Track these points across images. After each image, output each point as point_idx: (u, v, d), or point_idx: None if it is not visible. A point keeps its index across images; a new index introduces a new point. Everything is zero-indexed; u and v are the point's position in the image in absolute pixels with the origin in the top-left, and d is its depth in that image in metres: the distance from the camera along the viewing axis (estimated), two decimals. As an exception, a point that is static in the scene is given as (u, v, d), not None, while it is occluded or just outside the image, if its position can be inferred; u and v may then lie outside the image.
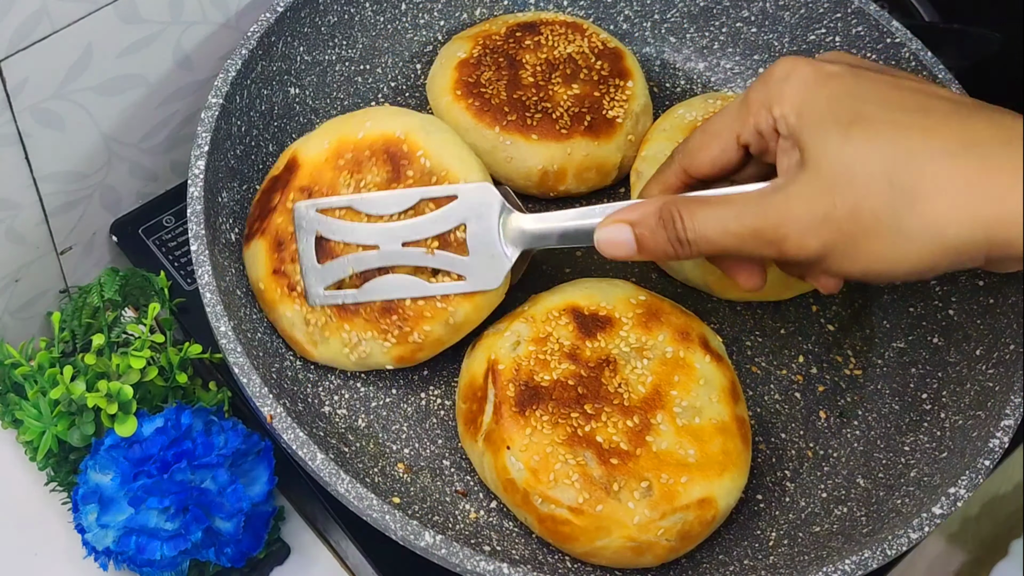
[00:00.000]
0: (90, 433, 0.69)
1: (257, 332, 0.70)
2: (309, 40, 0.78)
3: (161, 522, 0.66)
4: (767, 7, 0.85)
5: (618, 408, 0.66)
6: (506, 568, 0.58)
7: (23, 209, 0.75)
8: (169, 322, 0.77)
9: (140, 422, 0.68)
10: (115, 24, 0.70)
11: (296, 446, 0.62)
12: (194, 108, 0.80)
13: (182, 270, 0.79)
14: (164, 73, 0.76)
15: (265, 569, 0.74)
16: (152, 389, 0.71)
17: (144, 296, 0.76)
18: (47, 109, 0.70)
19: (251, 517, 0.69)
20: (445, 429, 0.71)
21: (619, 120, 0.79)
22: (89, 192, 0.78)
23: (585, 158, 0.78)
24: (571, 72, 0.79)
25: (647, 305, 0.70)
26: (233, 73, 0.72)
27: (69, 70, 0.69)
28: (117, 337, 0.74)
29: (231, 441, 0.68)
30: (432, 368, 0.73)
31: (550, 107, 0.78)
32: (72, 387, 0.68)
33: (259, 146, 0.76)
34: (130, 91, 0.75)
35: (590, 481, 0.63)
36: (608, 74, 0.80)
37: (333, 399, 0.71)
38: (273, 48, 0.75)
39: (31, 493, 0.76)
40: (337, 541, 0.74)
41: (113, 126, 0.76)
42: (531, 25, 0.82)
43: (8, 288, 0.79)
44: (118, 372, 0.70)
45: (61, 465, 0.73)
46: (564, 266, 0.78)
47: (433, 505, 0.67)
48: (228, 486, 0.67)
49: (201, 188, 0.68)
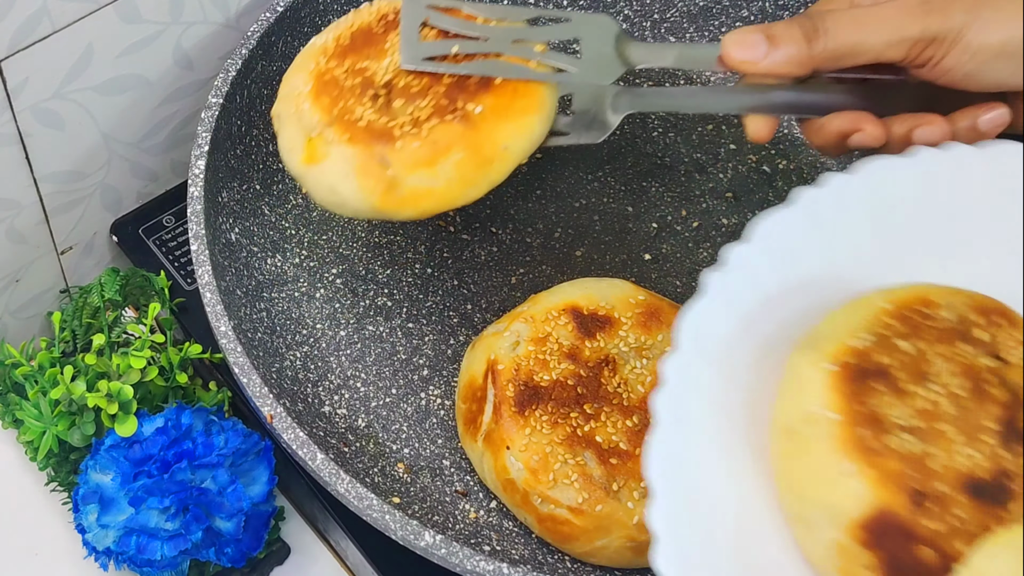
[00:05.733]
0: (90, 433, 0.69)
1: (257, 332, 0.70)
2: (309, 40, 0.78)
3: (161, 522, 0.66)
4: (766, 6, 0.85)
5: (618, 408, 0.66)
6: (506, 568, 0.58)
7: (23, 209, 0.75)
8: (169, 322, 0.77)
9: (140, 422, 0.68)
10: (115, 24, 0.70)
11: (296, 446, 0.62)
12: (194, 108, 0.80)
13: (182, 270, 0.79)
14: (164, 73, 0.76)
15: (265, 569, 0.74)
16: (152, 389, 0.71)
17: (144, 296, 0.76)
18: (47, 109, 0.70)
19: (251, 517, 0.69)
20: (445, 429, 0.71)
21: None
22: (89, 192, 0.78)
23: None
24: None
25: (647, 305, 0.70)
26: (233, 73, 0.72)
27: (69, 70, 0.70)
28: (117, 337, 0.74)
29: (231, 441, 0.69)
30: (432, 368, 0.73)
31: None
32: (72, 387, 0.68)
33: (259, 146, 0.76)
34: (130, 91, 0.75)
35: (590, 481, 0.63)
36: None
37: (333, 399, 0.71)
38: (273, 48, 0.75)
39: (31, 493, 0.76)
40: (337, 541, 0.74)
41: (113, 126, 0.76)
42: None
43: (8, 288, 0.79)
44: (118, 372, 0.70)
45: (61, 465, 0.73)
46: (564, 266, 0.78)
47: (433, 505, 0.67)
48: (228, 486, 0.67)
49: (201, 188, 0.68)
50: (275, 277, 0.75)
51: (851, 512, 0.51)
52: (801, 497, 0.53)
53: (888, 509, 0.51)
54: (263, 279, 0.74)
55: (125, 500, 0.66)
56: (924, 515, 0.51)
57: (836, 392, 0.53)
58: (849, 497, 0.51)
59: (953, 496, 0.52)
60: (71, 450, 0.72)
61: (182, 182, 0.83)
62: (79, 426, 0.69)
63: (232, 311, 0.66)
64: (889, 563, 0.51)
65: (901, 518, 0.51)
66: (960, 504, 0.52)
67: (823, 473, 0.52)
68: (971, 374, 0.55)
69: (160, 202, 0.83)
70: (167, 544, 0.66)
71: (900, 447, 0.52)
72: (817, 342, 0.56)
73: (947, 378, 0.55)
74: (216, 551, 0.68)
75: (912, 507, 0.51)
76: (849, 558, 0.52)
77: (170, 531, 0.66)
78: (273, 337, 0.71)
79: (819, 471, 0.53)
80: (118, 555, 0.67)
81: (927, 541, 0.51)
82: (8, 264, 0.77)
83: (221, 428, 0.69)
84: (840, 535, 0.52)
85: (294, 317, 0.74)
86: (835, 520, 0.52)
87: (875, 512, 0.51)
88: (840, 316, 0.57)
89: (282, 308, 0.74)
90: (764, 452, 0.56)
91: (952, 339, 0.56)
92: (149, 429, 0.68)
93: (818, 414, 0.53)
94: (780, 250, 0.59)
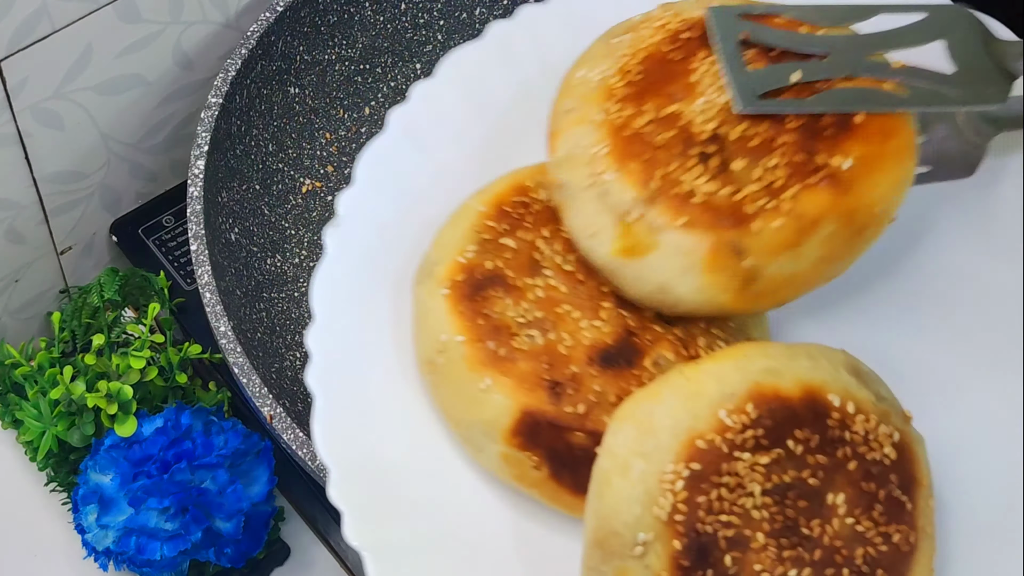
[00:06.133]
0: (90, 433, 0.69)
1: (257, 332, 0.70)
2: (309, 40, 0.78)
3: (161, 522, 0.66)
4: None
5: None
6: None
7: (23, 209, 0.75)
8: (169, 322, 0.77)
9: (140, 422, 0.68)
10: (115, 24, 0.69)
11: (296, 446, 0.62)
12: (194, 108, 0.80)
13: (182, 270, 0.79)
14: (164, 73, 0.76)
15: (265, 569, 0.74)
16: (152, 389, 0.71)
17: (144, 296, 0.76)
18: (47, 109, 0.70)
19: (251, 517, 0.69)
20: (445, 429, 0.71)
21: None
22: (89, 192, 0.78)
23: None
24: None
25: None
26: (233, 73, 0.72)
27: (69, 70, 0.69)
28: (117, 337, 0.74)
29: (231, 441, 0.68)
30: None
31: None
32: (72, 387, 0.68)
33: (258, 146, 0.76)
34: (130, 91, 0.75)
35: None
36: None
37: (333, 399, 0.71)
38: (273, 48, 0.75)
39: (31, 493, 0.76)
40: (337, 541, 0.73)
41: (113, 126, 0.76)
42: None
43: (8, 288, 0.79)
44: (118, 372, 0.70)
45: (61, 465, 0.73)
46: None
47: (433, 505, 0.67)
48: (228, 486, 0.67)
49: (201, 188, 0.68)
50: (275, 277, 0.75)
51: (501, 423, 0.52)
52: (459, 422, 0.54)
53: (529, 409, 0.52)
54: (263, 279, 0.74)
55: (125, 500, 0.66)
56: (565, 402, 0.52)
57: (455, 314, 0.54)
58: (494, 410, 0.52)
59: (586, 373, 0.53)
60: (71, 450, 0.72)
61: (181, 182, 0.83)
62: (79, 426, 0.69)
63: (232, 311, 0.66)
64: (549, 457, 0.52)
65: (544, 412, 0.52)
66: (594, 378, 0.53)
67: (467, 395, 0.53)
68: (575, 246, 0.55)
69: (159, 202, 0.83)
70: (167, 545, 0.66)
71: (527, 345, 0.53)
72: (431, 267, 0.56)
73: (557, 259, 0.55)
74: (216, 552, 0.67)
75: (552, 399, 0.52)
76: (516, 464, 0.53)
77: (170, 531, 0.66)
78: (273, 337, 0.71)
79: (463, 394, 0.54)
80: (118, 555, 0.67)
81: (574, 426, 0.52)
82: (7, 264, 0.77)
83: (221, 428, 0.69)
84: (501, 447, 0.53)
85: (294, 317, 0.74)
86: (491, 435, 0.53)
87: (520, 415, 0.52)
88: (446, 232, 0.57)
89: (282, 308, 0.74)
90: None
91: (552, 218, 0.56)
92: (149, 429, 0.68)
93: (446, 340, 0.54)
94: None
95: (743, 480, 0.48)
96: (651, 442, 0.48)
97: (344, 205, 0.59)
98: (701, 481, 0.47)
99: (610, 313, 0.54)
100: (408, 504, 0.54)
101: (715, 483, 0.47)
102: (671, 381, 0.50)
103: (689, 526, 0.47)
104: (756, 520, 0.48)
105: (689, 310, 0.51)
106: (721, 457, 0.48)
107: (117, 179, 0.80)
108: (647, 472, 0.48)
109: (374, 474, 0.54)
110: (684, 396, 0.49)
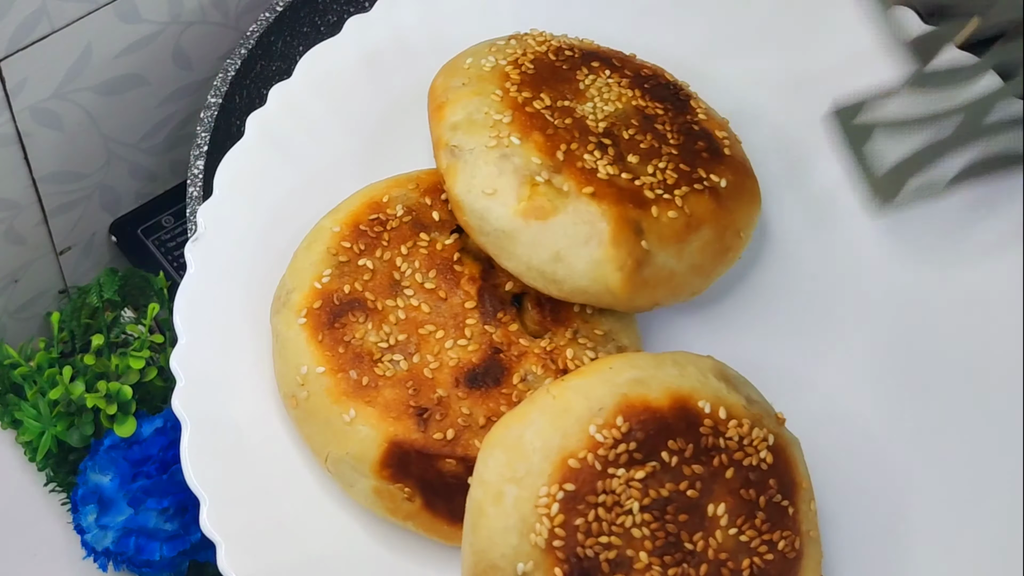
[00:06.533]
0: (89, 434, 0.69)
1: (256, 332, 0.70)
2: (309, 40, 0.78)
3: (160, 523, 0.66)
4: None
5: None
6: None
7: (22, 209, 0.75)
8: (168, 322, 0.76)
9: (139, 423, 0.68)
10: (115, 24, 0.69)
11: (295, 447, 0.61)
12: (194, 108, 0.80)
13: (182, 270, 0.79)
14: (164, 73, 0.76)
15: (264, 570, 0.74)
16: (151, 389, 0.71)
17: (143, 296, 0.76)
18: (46, 109, 0.70)
19: (250, 518, 0.69)
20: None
21: None
22: (88, 192, 0.78)
23: None
24: None
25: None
26: (232, 73, 0.72)
27: (68, 70, 0.69)
28: (116, 337, 0.74)
29: (230, 442, 0.68)
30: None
31: None
32: (71, 387, 0.68)
33: (258, 146, 0.76)
34: (129, 91, 0.75)
35: None
36: None
37: (333, 399, 0.71)
38: (273, 48, 0.75)
39: (31, 493, 0.76)
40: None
41: (112, 126, 0.76)
42: None
43: (7, 288, 0.79)
44: (117, 372, 0.70)
45: (60, 466, 0.73)
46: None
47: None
48: (227, 487, 0.67)
49: (201, 188, 0.68)
50: (274, 277, 0.75)
51: (369, 456, 0.50)
52: (326, 457, 0.52)
53: (397, 439, 0.50)
54: (262, 279, 0.74)
55: (124, 501, 0.66)
56: (433, 428, 0.50)
57: (313, 344, 0.52)
58: (361, 443, 0.50)
59: (453, 396, 0.51)
60: (70, 451, 0.72)
61: (181, 182, 0.83)
62: (78, 427, 0.69)
63: (231, 311, 0.66)
64: (422, 488, 0.50)
65: (412, 441, 0.50)
66: (461, 401, 0.51)
67: (332, 429, 0.51)
68: (436, 262, 0.53)
69: (159, 202, 0.83)
70: (166, 545, 0.66)
71: (391, 371, 0.51)
72: (287, 295, 0.54)
73: (418, 277, 0.53)
74: (215, 552, 0.67)
75: (419, 426, 0.50)
76: (388, 497, 0.51)
77: (169, 532, 0.66)
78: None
79: (328, 429, 0.51)
80: (117, 556, 0.67)
81: (444, 453, 0.50)
82: (7, 264, 0.77)
83: (220, 429, 0.69)
84: (372, 480, 0.51)
85: (293, 317, 0.74)
86: (360, 468, 0.51)
87: (388, 446, 0.50)
88: (301, 256, 0.55)
89: (281, 308, 0.74)
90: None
91: (410, 234, 0.54)
92: (148, 430, 0.68)
93: (307, 373, 0.52)
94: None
95: (620, 498, 0.46)
96: (522, 466, 0.46)
97: (204, 218, 0.57)
98: (577, 502, 0.46)
99: (474, 330, 0.53)
100: (285, 534, 0.52)
101: (591, 503, 0.46)
102: (538, 400, 0.48)
103: (569, 551, 0.45)
104: (637, 539, 0.46)
105: (574, 288, 0.51)
106: (595, 475, 0.46)
107: (116, 179, 0.79)
108: (520, 498, 0.46)
109: (248, 503, 0.52)
110: (552, 415, 0.47)
